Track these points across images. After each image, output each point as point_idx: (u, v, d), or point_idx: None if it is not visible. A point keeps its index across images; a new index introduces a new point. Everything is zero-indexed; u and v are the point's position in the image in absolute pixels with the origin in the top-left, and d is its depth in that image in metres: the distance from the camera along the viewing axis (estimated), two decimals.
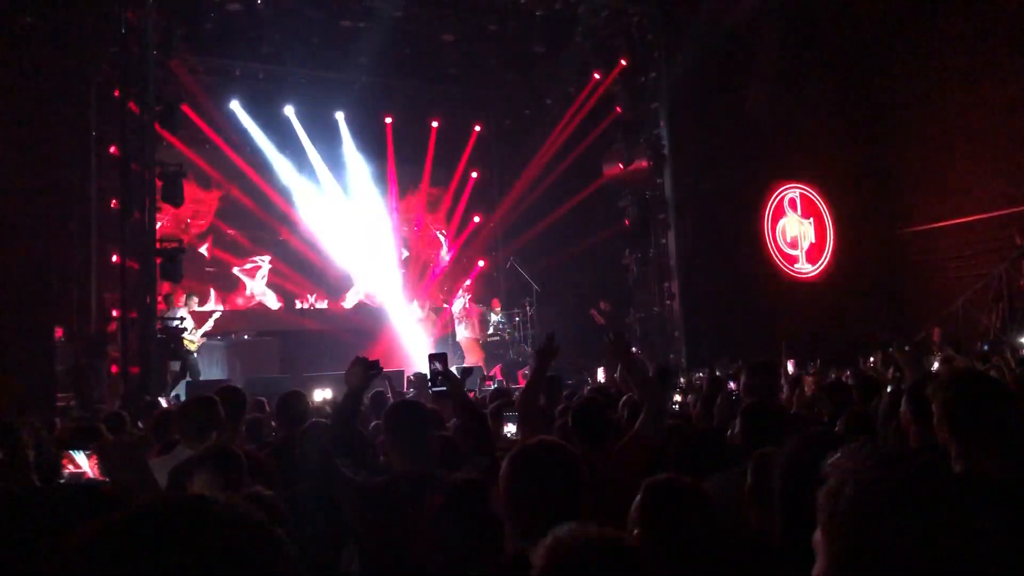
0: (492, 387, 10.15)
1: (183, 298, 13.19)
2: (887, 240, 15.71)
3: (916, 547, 1.17)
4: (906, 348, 4.69)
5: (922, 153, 15.12)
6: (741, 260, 14.57)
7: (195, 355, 12.84)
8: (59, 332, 10.96)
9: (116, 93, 12.01)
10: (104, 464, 2.19)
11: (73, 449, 2.24)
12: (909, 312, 14.65)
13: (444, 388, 3.96)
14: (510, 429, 3.97)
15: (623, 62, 14.46)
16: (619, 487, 3.04)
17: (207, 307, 14.64)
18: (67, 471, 2.20)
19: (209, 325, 13.23)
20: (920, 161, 15.16)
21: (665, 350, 13.67)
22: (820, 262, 15.52)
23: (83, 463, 2.19)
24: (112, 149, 12.32)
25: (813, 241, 15.57)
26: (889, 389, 4.65)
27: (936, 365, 7.47)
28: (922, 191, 15.14)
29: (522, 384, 10.93)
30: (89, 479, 2.18)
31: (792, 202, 15.46)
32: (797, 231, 15.43)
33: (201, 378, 12.54)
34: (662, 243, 14.14)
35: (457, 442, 3.94)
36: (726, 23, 13.61)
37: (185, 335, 12.67)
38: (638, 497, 2.43)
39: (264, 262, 16.27)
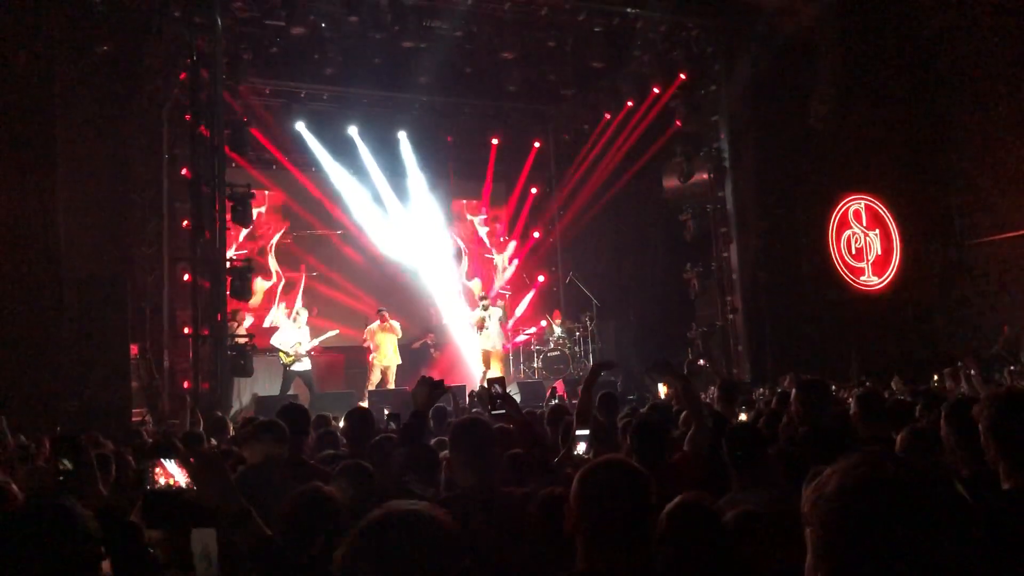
0: (554, 403, 10.13)
1: (293, 312, 13.70)
2: (955, 251, 15.30)
3: (891, 545, 1.15)
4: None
5: (990, 163, 14.69)
6: (805, 273, 14.33)
7: (291, 368, 13.16)
8: (134, 350, 11.30)
9: (187, 117, 12.40)
10: (189, 473, 2.35)
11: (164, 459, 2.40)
12: (979, 324, 14.24)
13: (504, 411, 4.05)
14: (581, 448, 4.03)
15: (682, 75, 14.42)
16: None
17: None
18: (159, 480, 2.35)
19: (317, 341, 13.65)
20: (988, 171, 14.73)
21: (728, 365, 13.53)
22: (886, 274, 15.19)
23: (175, 472, 2.34)
24: (183, 171, 12.71)
25: (879, 253, 15.25)
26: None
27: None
28: (991, 201, 14.70)
29: None
30: (179, 487, 2.34)
31: (857, 213, 15.18)
32: (862, 243, 15.14)
33: (266, 394, 12.82)
34: (724, 256, 14.02)
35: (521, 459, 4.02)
36: (786, 34, 13.44)
37: (284, 347, 13.01)
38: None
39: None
